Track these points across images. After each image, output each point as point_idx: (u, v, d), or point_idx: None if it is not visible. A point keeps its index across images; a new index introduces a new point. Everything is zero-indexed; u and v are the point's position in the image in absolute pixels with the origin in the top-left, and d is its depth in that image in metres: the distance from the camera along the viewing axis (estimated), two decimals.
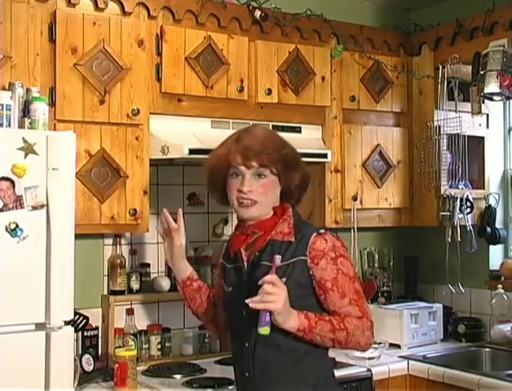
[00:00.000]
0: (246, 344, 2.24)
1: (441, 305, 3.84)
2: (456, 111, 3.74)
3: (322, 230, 2.25)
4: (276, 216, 2.28)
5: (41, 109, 2.55)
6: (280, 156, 2.24)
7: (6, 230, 2.31)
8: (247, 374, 2.25)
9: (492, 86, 3.41)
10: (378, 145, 3.82)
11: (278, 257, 2.09)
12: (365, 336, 2.18)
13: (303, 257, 2.19)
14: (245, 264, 2.27)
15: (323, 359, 2.29)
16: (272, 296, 2.02)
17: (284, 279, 2.13)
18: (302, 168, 2.32)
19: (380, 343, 3.44)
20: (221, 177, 2.29)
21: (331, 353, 2.38)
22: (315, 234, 2.22)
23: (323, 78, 3.60)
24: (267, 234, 2.26)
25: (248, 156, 2.22)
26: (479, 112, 3.72)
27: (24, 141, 2.35)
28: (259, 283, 2.04)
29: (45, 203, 2.37)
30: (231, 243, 2.37)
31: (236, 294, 2.26)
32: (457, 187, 3.81)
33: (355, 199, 3.70)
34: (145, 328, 3.38)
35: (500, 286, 3.73)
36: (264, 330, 2.05)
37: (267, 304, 2.02)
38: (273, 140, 2.28)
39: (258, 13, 3.38)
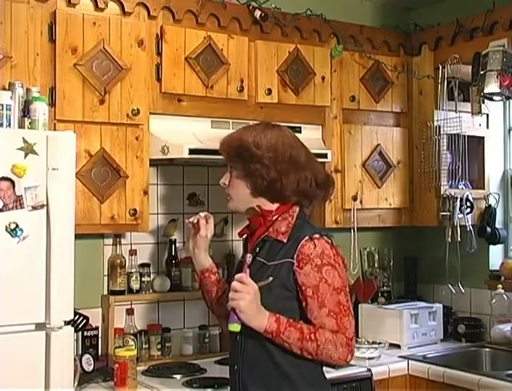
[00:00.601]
0: (237, 338, 2.26)
1: (441, 305, 3.83)
2: (456, 111, 3.74)
3: (316, 235, 2.20)
4: (263, 215, 2.28)
5: (41, 109, 2.55)
6: (231, 149, 2.30)
7: (6, 230, 2.31)
8: (235, 367, 2.28)
9: (492, 86, 3.40)
10: (378, 145, 3.82)
11: (249, 256, 2.15)
12: (339, 351, 2.13)
13: (291, 260, 2.19)
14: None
15: (310, 361, 2.24)
16: (238, 293, 2.08)
17: (270, 279, 2.17)
18: (265, 162, 2.24)
19: (380, 343, 3.44)
20: None
21: None
22: (307, 237, 2.19)
23: (323, 78, 3.60)
24: (260, 231, 2.28)
25: (220, 152, 2.35)
26: (479, 112, 3.72)
27: (24, 141, 2.35)
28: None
29: (45, 203, 2.37)
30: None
31: None
32: (457, 187, 3.80)
33: (355, 199, 3.70)
34: (145, 328, 3.38)
35: (500, 286, 3.73)
36: (233, 327, 2.10)
37: (230, 301, 2.08)
38: (234, 135, 2.35)
39: (258, 13, 3.39)
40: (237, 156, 2.28)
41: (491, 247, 3.94)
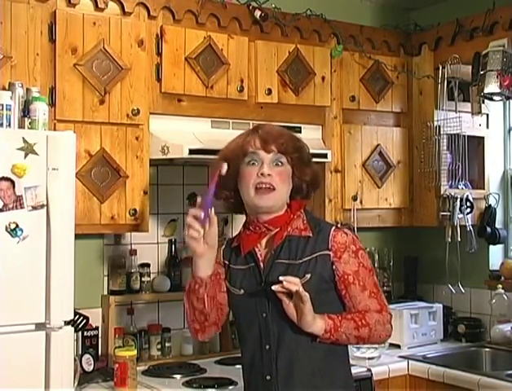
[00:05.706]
0: (267, 347, 2.17)
1: (441, 305, 3.84)
2: (456, 111, 3.74)
3: (339, 225, 2.25)
4: (291, 211, 2.24)
5: (41, 109, 2.56)
6: (296, 147, 2.23)
7: (6, 230, 2.32)
8: (268, 377, 2.17)
9: (492, 86, 3.41)
10: (378, 145, 3.82)
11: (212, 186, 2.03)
12: (385, 329, 2.19)
13: (326, 252, 2.17)
14: (262, 264, 2.20)
15: (345, 358, 2.26)
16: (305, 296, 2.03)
17: (308, 275, 2.12)
18: (313, 166, 2.32)
19: None
20: (234, 171, 2.18)
21: None
22: (334, 228, 2.23)
23: (323, 78, 3.60)
24: (283, 230, 2.21)
25: (267, 140, 2.18)
26: (479, 112, 3.72)
27: (24, 141, 2.35)
28: (281, 278, 2.02)
29: (45, 203, 2.37)
30: (241, 242, 2.26)
31: (252, 296, 2.20)
32: (457, 187, 3.80)
33: (355, 199, 3.70)
34: (145, 328, 3.38)
35: (500, 286, 3.73)
36: None
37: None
38: (288, 132, 2.29)
39: (258, 13, 3.39)
40: (296, 154, 2.23)
41: (491, 247, 3.94)
